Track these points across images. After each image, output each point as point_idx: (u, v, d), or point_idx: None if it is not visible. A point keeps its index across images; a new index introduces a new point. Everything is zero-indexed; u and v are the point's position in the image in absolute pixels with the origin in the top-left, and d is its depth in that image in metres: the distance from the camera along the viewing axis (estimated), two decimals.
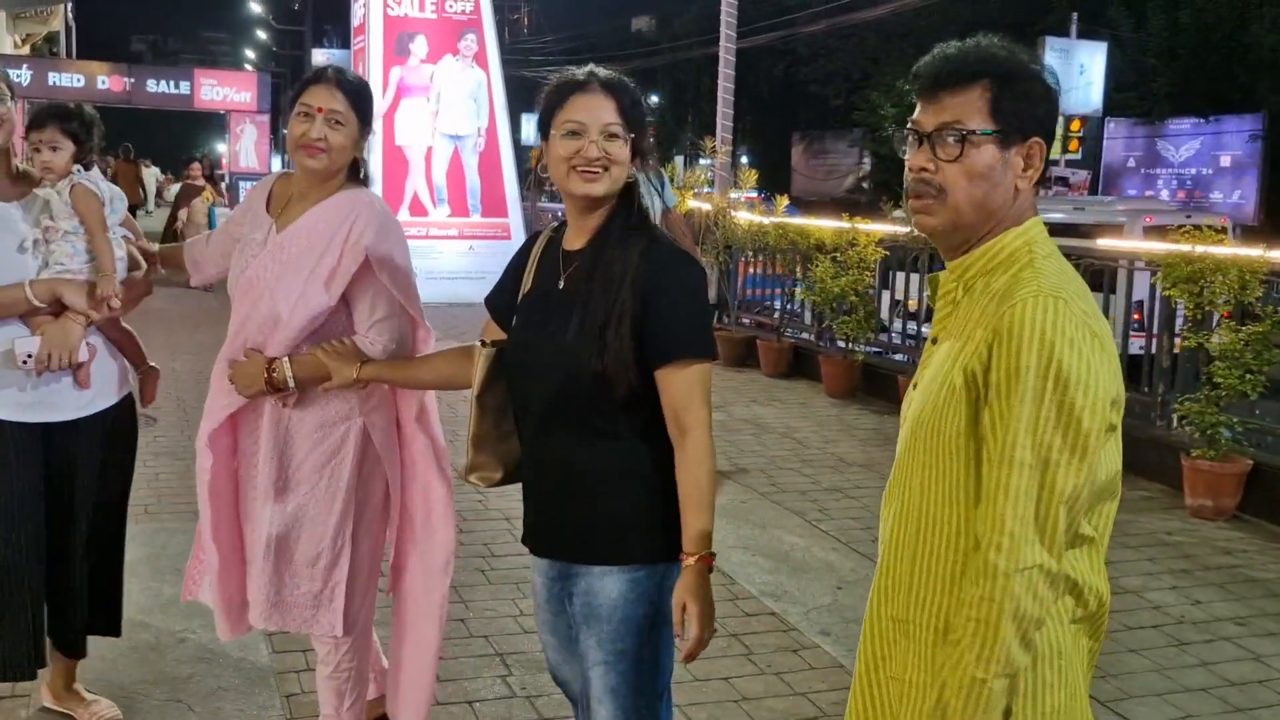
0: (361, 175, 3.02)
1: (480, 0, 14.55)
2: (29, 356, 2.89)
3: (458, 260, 14.30)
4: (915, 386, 1.87)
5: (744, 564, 5.16)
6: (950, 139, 1.73)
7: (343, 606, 3.04)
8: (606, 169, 2.24)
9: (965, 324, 1.75)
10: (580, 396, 2.27)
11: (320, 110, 2.81)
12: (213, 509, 3.03)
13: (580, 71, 2.31)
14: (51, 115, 3.01)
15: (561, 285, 2.34)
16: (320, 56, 51.53)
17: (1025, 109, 1.74)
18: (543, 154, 2.35)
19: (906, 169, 1.80)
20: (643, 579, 2.33)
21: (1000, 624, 1.62)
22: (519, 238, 14.63)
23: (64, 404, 3.06)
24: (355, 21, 14.96)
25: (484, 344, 2.50)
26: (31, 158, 3.04)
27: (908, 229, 8.44)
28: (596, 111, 2.24)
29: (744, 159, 35.56)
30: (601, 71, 2.32)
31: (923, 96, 1.79)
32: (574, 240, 2.38)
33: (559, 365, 2.28)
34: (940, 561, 1.77)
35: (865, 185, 37.73)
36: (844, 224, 9.23)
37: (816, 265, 9.08)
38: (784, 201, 10.52)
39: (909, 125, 1.80)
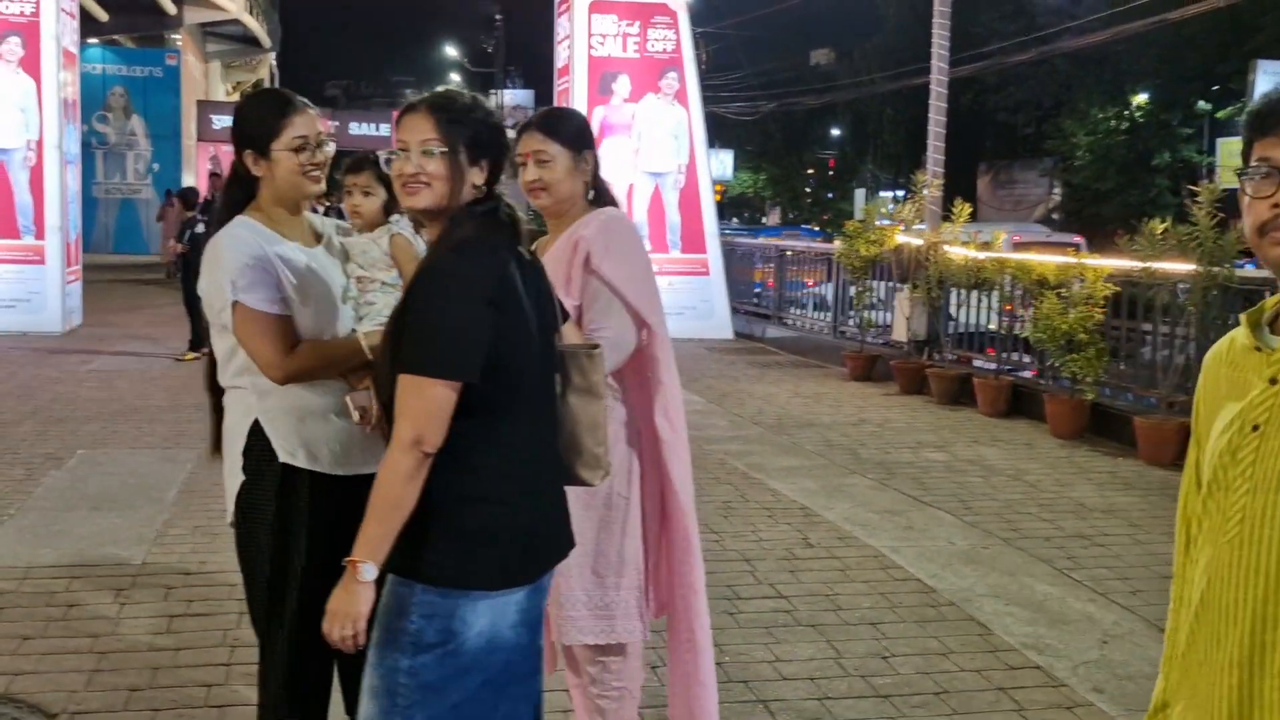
0: (590, 196, 3.15)
1: (681, 39, 14.70)
2: (363, 410, 2.82)
3: None
4: (1255, 429, 1.69)
5: (998, 613, 4.98)
6: None
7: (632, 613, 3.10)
8: (427, 184, 2.31)
9: None
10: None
11: (529, 156, 3.01)
12: None
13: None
14: (370, 161, 3.05)
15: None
16: (507, 97, 53.06)
17: None
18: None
19: (1255, 206, 1.68)
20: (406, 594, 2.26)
21: None
22: (718, 274, 14.66)
23: (378, 455, 3.07)
24: (559, 63, 15.29)
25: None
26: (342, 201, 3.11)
27: (1144, 264, 8.12)
28: (414, 130, 2.35)
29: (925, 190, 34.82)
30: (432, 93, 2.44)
31: (1271, 133, 1.69)
32: None
33: None
34: None
35: (1055, 216, 36.64)
36: (1069, 259, 8.92)
37: (1041, 301, 8.79)
38: (1001, 235, 10.22)
39: (1258, 160, 1.69)
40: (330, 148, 2.82)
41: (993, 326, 10.41)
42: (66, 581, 4.77)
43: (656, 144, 14.63)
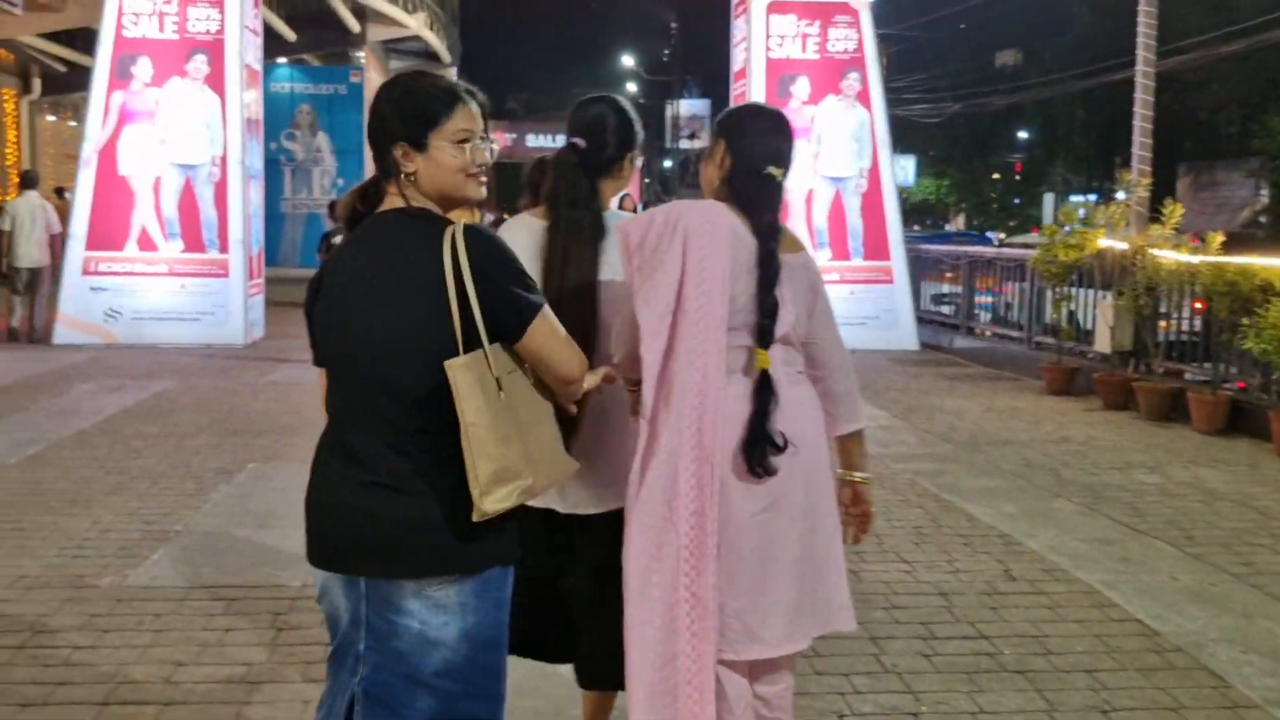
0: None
1: (864, 38, 14.14)
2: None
3: (837, 306, 13.50)
4: None
5: (1235, 662, 4.37)
6: None
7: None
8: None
9: None
10: None
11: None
12: None
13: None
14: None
15: None
16: (683, 107, 52.99)
17: None
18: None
19: None
20: None
21: None
22: (902, 282, 14.05)
23: None
24: (735, 66, 14.91)
25: None
26: None
27: None
28: (476, 121, 2.37)
29: (1120, 194, 33.43)
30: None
31: None
32: None
33: None
34: None
35: (1263, 219, 34.41)
36: None
37: (1269, 309, 7.98)
38: (1218, 238, 9.37)
39: None
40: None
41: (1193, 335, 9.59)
42: (225, 604, 4.62)
43: (837, 147, 14.11)
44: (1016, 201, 60.95)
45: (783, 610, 2.75)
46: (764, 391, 2.72)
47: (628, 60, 50.69)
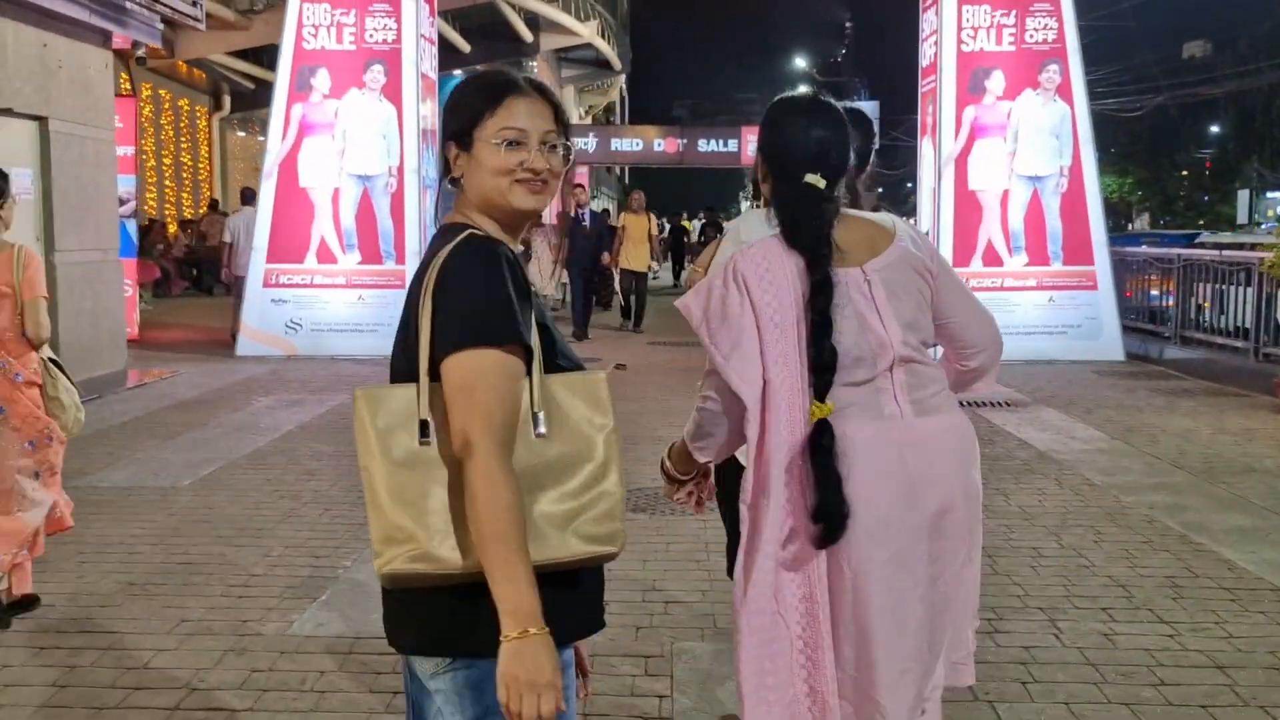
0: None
1: (1065, 27, 13.18)
2: None
3: (1035, 313, 12.97)
4: None
5: None
6: None
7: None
8: (546, 183, 2.02)
9: None
10: None
11: None
12: None
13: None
14: None
15: None
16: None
17: None
18: None
19: None
20: None
21: None
22: (1107, 288, 13.05)
23: None
24: (924, 61, 14.11)
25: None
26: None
27: None
28: (539, 118, 2.01)
29: None
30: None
31: None
32: None
33: None
34: None
35: None
36: None
37: None
38: None
39: None
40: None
41: None
42: (394, 659, 4.13)
43: (1035, 144, 13.18)
44: (1205, 199, 58.28)
45: (910, 681, 2.37)
46: (820, 448, 2.29)
47: (799, 62, 49.85)
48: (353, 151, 13.28)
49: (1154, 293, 14.07)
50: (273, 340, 13.18)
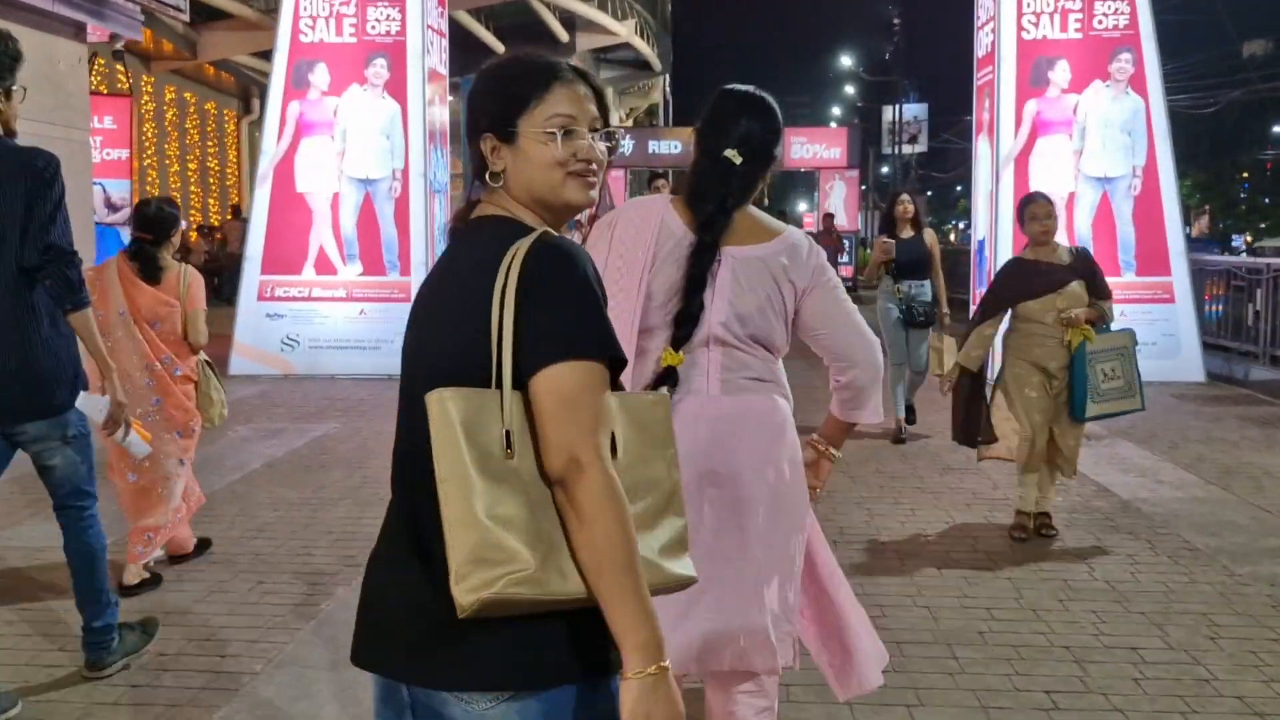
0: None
1: (1138, 12, 11.87)
2: None
3: None
4: None
5: None
6: None
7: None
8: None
9: None
10: None
11: None
12: None
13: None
14: None
15: None
16: (909, 112, 50.46)
17: None
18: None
19: None
20: None
21: None
22: (1185, 301, 11.75)
23: None
24: (980, 52, 12.85)
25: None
26: None
27: None
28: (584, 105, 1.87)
29: None
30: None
31: None
32: None
33: None
34: None
35: None
36: None
37: None
38: None
39: None
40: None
41: None
42: None
43: (1105, 142, 11.87)
44: (1267, 202, 57.18)
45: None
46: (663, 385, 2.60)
47: (845, 60, 48.60)
48: (353, 153, 12.23)
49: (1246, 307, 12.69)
50: (267, 358, 12.15)
